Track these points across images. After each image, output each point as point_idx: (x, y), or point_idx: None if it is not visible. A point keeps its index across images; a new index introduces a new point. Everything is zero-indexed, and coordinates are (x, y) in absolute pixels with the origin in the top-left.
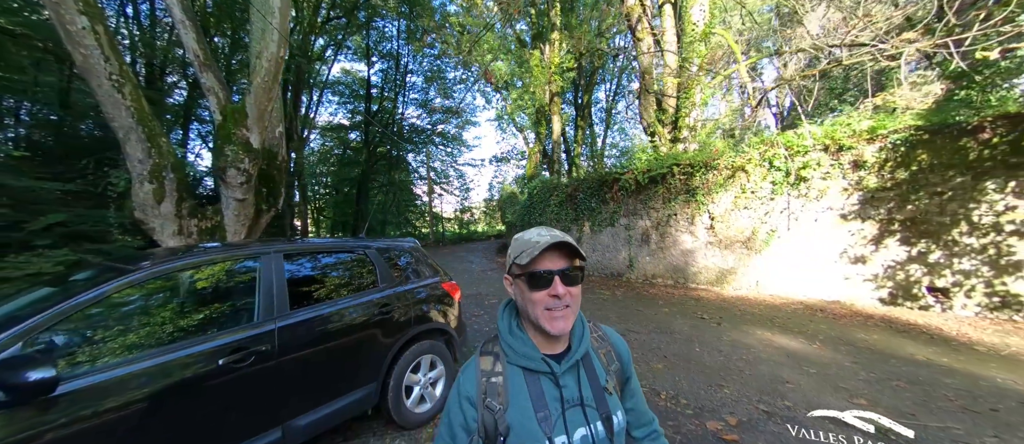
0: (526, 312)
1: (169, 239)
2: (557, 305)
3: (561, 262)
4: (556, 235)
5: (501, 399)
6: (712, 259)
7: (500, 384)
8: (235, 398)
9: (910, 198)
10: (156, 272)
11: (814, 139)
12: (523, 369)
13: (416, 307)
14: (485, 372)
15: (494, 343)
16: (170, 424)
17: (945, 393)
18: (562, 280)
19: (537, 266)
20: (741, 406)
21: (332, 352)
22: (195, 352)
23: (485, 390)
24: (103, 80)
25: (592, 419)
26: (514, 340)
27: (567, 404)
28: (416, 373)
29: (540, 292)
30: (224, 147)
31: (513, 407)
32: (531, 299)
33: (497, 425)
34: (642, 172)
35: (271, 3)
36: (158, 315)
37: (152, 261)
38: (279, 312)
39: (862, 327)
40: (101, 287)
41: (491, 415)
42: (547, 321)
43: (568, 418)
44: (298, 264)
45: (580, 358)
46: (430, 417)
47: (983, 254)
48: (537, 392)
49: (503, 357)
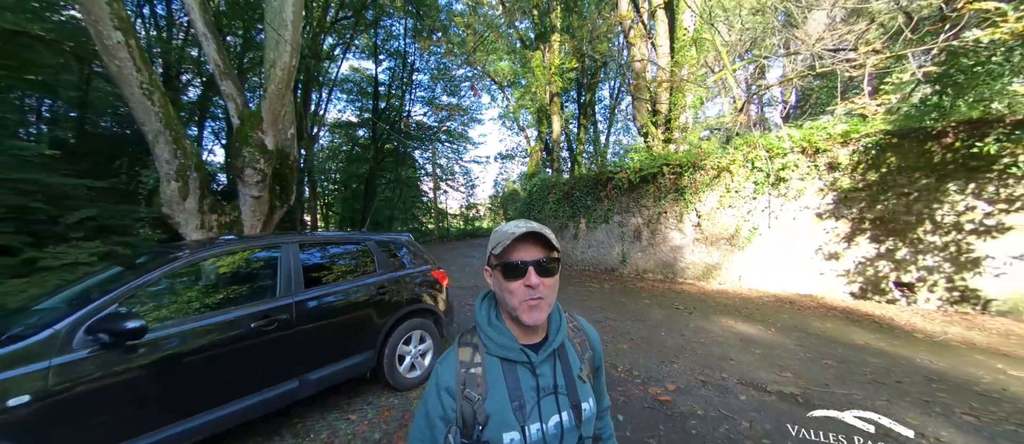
0: (503, 302)
1: (192, 232)
2: (532, 295)
3: (536, 253)
4: (531, 226)
5: (480, 389)
6: (699, 255)
7: (479, 375)
8: (263, 354)
9: (879, 198)
10: (209, 254)
11: (792, 142)
12: (501, 359)
13: (408, 290)
14: (464, 363)
15: (472, 334)
16: (218, 369)
17: (865, 370)
18: (537, 270)
19: (512, 256)
20: (683, 377)
21: (338, 323)
22: (234, 317)
23: (464, 381)
24: (135, 88)
25: (564, 406)
26: (492, 331)
27: (543, 392)
28: (408, 345)
29: (515, 282)
30: (242, 149)
31: (491, 397)
32: (507, 289)
33: (475, 415)
34: (634, 171)
35: (284, 18)
36: (217, 285)
37: (204, 246)
38: (296, 290)
39: (821, 317)
40: (164, 267)
41: (470, 405)
42: (523, 311)
43: (543, 406)
44: (310, 253)
45: (556, 348)
46: (419, 382)
47: (945, 251)
48: (514, 381)
49: (482, 348)
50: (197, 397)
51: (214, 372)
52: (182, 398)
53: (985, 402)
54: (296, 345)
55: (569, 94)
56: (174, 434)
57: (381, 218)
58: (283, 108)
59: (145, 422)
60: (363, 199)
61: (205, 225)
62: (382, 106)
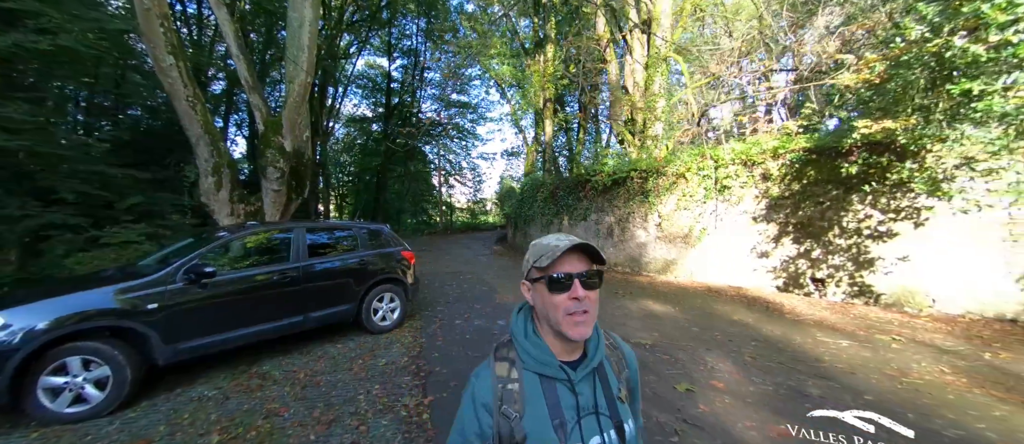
0: (546, 317)
1: (224, 218)
2: (577, 309)
3: (581, 265)
4: (574, 239)
5: (517, 406)
6: (660, 251)
7: (516, 391)
8: (281, 297)
9: (801, 205)
10: (244, 234)
11: (734, 154)
12: (539, 375)
13: (383, 264)
14: (500, 378)
15: (508, 348)
16: (253, 302)
17: (716, 334)
18: (582, 284)
19: (557, 269)
20: None
21: (331, 282)
22: (263, 272)
23: (501, 396)
24: (182, 101)
25: (606, 427)
26: (530, 345)
27: (582, 412)
28: (380, 302)
29: (560, 296)
30: (265, 151)
31: (529, 414)
32: (551, 303)
33: (513, 433)
34: (608, 175)
35: (301, 42)
36: (250, 253)
37: (242, 228)
38: (302, 258)
39: (728, 303)
40: (218, 240)
41: (507, 422)
42: (568, 327)
43: (584, 426)
44: (315, 235)
45: (595, 366)
46: (388, 329)
47: (848, 252)
48: (553, 399)
49: (519, 363)
50: (241, 317)
51: (251, 303)
52: (232, 316)
53: (774, 353)
54: (303, 294)
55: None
56: (228, 337)
57: (391, 210)
58: (299, 117)
59: (213, 327)
60: (375, 191)
61: (234, 213)
62: (395, 102)
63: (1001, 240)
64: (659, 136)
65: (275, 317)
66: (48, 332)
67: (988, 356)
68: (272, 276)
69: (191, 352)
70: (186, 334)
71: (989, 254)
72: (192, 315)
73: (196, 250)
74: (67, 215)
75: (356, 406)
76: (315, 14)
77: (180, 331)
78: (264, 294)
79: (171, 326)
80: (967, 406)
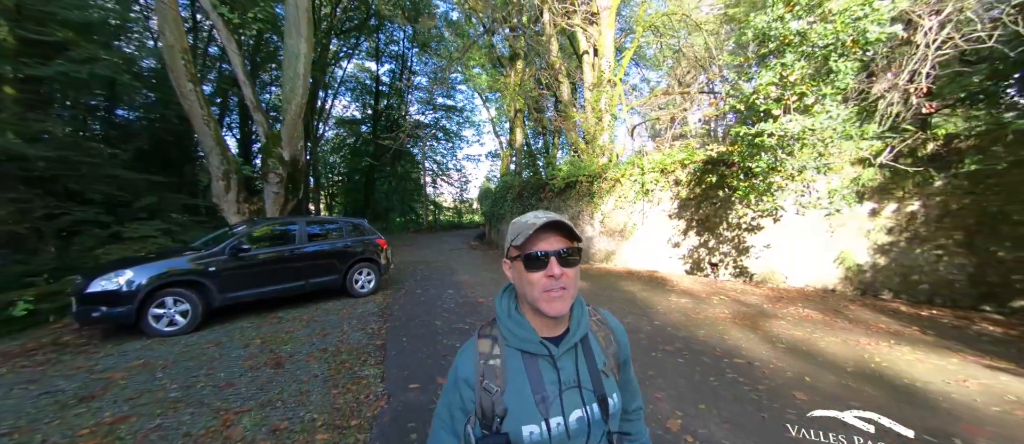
0: (524, 294)
1: (232, 217)
2: (554, 286)
3: (557, 243)
4: (550, 216)
5: (499, 381)
6: (603, 244)
7: (498, 366)
8: (288, 268)
9: (701, 205)
10: (260, 226)
11: (653, 164)
12: (521, 352)
13: (361, 247)
14: (483, 354)
15: (492, 326)
16: (270, 270)
17: (601, 297)
18: (559, 261)
19: (533, 247)
20: None
21: (324, 260)
22: (276, 250)
23: (482, 372)
24: (198, 120)
25: (588, 401)
26: (512, 323)
27: (564, 386)
28: (359, 276)
29: (537, 273)
30: (267, 159)
31: (511, 389)
32: (529, 280)
33: (494, 406)
34: (562, 179)
35: (297, 72)
36: (266, 239)
37: (256, 223)
38: (302, 242)
39: (634, 281)
40: (243, 230)
41: (489, 397)
42: (545, 303)
43: (565, 400)
44: (312, 227)
45: (578, 341)
46: (365, 295)
47: (733, 242)
48: (535, 374)
49: (501, 340)
50: (264, 279)
51: (270, 271)
52: (259, 279)
53: (629, 304)
54: (304, 267)
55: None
56: (257, 291)
57: (380, 209)
58: (295, 132)
59: (247, 285)
60: (364, 191)
61: (240, 212)
62: (383, 104)
63: (825, 232)
64: (605, 145)
65: (287, 281)
66: (155, 280)
67: (767, 307)
68: (284, 253)
69: (234, 300)
70: (231, 288)
71: (822, 243)
72: (234, 276)
73: (230, 237)
74: (95, 212)
75: (341, 328)
76: (309, 48)
77: (227, 286)
78: (278, 265)
79: (222, 282)
80: (713, 326)
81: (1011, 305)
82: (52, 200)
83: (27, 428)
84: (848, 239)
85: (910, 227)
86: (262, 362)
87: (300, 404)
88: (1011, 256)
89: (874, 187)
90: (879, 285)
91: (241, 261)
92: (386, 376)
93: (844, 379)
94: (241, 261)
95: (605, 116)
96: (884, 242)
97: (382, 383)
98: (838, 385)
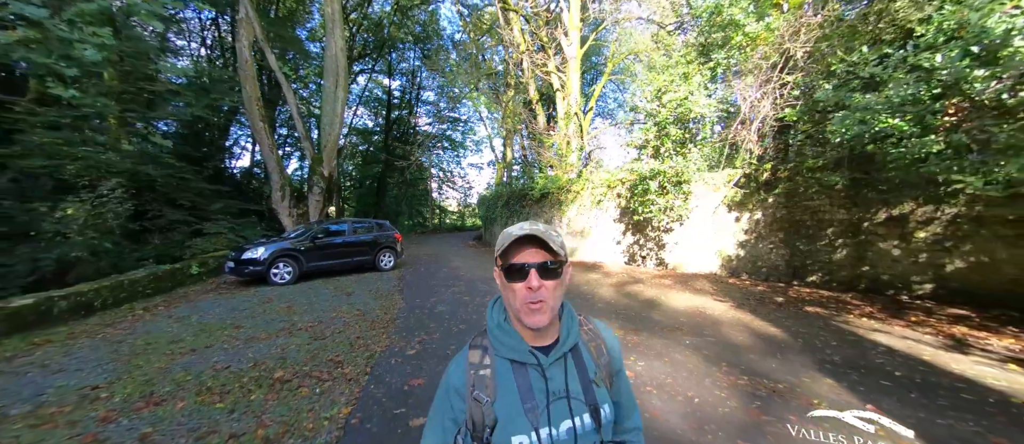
0: (508, 304)
1: (286, 221)
2: (533, 298)
3: (538, 256)
4: (535, 228)
5: (489, 391)
6: (568, 243)
7: (488, 376)
8: (342, 251)
9: (637, 211)
10: (322, 227)
11: (602, 181)
12: (511, 362)
13: (383, 238)
14: (473, 365)
15: (483, 337)
16: (334, 252)
17: None
18: (539, 273)
19: (514, 259)
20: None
21: (361, 246)
22: (336, 239)
23: (473, 383)
24: (265, 148)
25: (578, 411)
26: (502, 333)
27: (553, 396)
28: (384, 256)
29: (518, 284)
30: (312, 176)
31: (501, 399)
32: (511, 290)
33: (485, 417)
34: (539, 190)
35: (335, 110)
36: (330, 233)
37: (320, 223)
38: (350, 235)
39: (579, 268)
40: (314, 228)
41: (479, 407)
42: (524, 314)
43: (553, 410)
44: (355, 223)
45: (568, 350)
46: (387, 269)
47: (655, 240)
48: (525, 384)
49: (492, 351)
50: (330, 257)
51: (333, 252)
52: (327, 256)
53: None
54: (350, 251)
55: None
56: (326, 264)
57: (390, 212)
58: (332, 155)
59: (321, 259)
60: (375, 195)
61: (291, 216)
62: (395, 115)
63: (711, 233)
64: (572, 164)
65: (342, 258)
66: (275, 252)
67: (646, 280)
68: (339, 241)
69: (315, 268)
70: (313, 260)
71: (708, 241)
72: (314, 253)
73: (310, 230)
74: (184, 215)
75: (377, 286)
76: (345, 94)
77: (311, 258)
78: (336, 248)
79: (308, 256)
80: (599, 288)
81: (808, 279)
82: (156, 206)
83: (249, 313)
84: (723, 238)
85: (756, 229)
86: (340, 294)
87: (366, 307)
88: (806, 248)
89: (738, 202)
90: (739, 269)
91: (316, 245)
92: (404, 300)
93: (642, 307)
94: (316, 245)
95: (572, 141)
96: (742, 239)
97: (403, 302)
98: (619, 294)
